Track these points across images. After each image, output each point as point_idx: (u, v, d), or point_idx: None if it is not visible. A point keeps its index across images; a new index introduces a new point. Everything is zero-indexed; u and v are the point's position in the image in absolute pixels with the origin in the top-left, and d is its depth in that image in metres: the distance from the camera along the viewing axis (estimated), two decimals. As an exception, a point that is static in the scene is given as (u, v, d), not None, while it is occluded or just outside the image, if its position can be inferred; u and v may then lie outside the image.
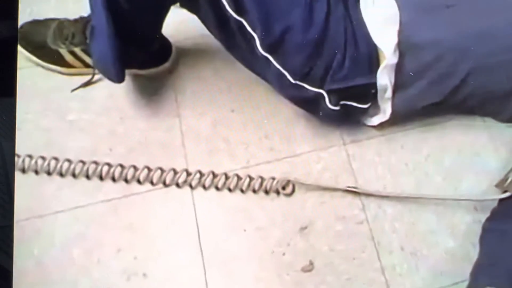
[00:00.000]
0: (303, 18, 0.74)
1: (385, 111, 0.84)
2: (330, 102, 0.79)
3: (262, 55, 0.75)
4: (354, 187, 0.84)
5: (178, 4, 0.77)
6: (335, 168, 0.86)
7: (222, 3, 0.71)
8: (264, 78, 0.84)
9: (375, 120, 0.87)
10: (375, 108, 0.85)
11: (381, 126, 0.87)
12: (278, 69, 0.76)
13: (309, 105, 0.84)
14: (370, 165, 0.86)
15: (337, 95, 0.79)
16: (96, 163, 0.82)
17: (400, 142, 0.88)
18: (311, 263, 0.78)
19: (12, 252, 0.47)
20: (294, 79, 0.77)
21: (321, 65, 0.77)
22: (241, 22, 0.72)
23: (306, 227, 0.80)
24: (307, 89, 0.78)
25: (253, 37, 0.73)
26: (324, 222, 0.81)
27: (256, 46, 0.74)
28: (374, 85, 0.79)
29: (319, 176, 0.85)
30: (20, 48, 0.86)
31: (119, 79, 0.78)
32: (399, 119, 0.88)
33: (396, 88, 0.81)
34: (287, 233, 0.79)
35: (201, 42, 0.94)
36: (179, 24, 0.91)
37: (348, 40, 0.77)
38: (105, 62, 0.76)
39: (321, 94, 0.79)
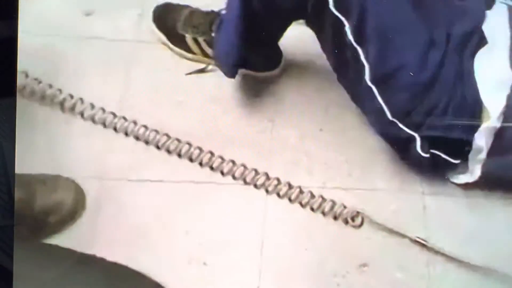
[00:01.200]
0: (418, 60, 0.65)
1: (474, 172, 0.70)
2: (421, 148, 0.68)
3: (367, 85, 0.66)
4: (423, 240, 0.71)
5: (301, 20, 0.69)
6: (408, 214, 0.73)
7: (345, 29, 0.64)
8: (362, 108, 0.73)
9: (462, 179, 0.73)
10: (465, 166, 0.70)
11: (466, 186, 0.73)
12: (379, 103, 0.67)
13: (399, 145, 0.72)
14: (444, 222, 0.72)
15: (430, 142, 0.68)
16: (189, 144, 0.75)
17: (481, 207, 0.73)
18: (362, 303, 0.67)
19: (12, 252, 0.41)
20: (392, 117, 0.67)
21: (423, 109, 0.66)
22: (357, 51, 0.65)
23: (365, 265, 0.69)
24: (402, 129, 0.67)
25: (364, 66, 0.65)
26: (385, 265, 0.69)
27: (365, 75, 0.65)
28: (470, 143, 0.66)
29: (390, 217, 0.72)
30: (152, 26, 0.83)
31: (232, 75, 0.73)
32: (486, 184, 0.73)
33: (491, 153, 0.67)
34: (345, 265, 0.68)
35: (310, 58, 0.84)
36: (294, 37, 0.82)
37: (455, 91, 0.65)
38: (225, 56, 0.71)
39: (414, 138, 0.68)
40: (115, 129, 0.74)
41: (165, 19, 0.81)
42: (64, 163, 0.70)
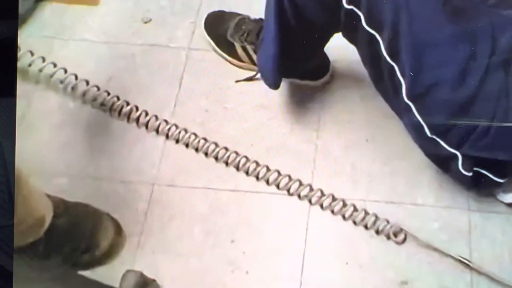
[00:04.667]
0: (455, 75, 0.56)
1: None
2: (462, 166, 0.60)
3: (405, 102, 0.58)
4: (467, 260, 0.63)
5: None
6: (452, 232, 0.65)
7: (379, 44, 0.56)
8: (404, 124, 0.65)
9: (509, 198, 0.64)
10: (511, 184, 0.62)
11: (515, 206, 0.64)
12: (418, 120, 0.59)
13: (441, 162, 0.64)
14: (490, 242, 0.64)
15: (472, 161, 0.59)
16: (237, 153, 0.70)
17: (531, 228, 0.64)
18: (402, 321, 0.60)
19: (12, 252, 0.37)
20: (431, 134, 0.59)
21: (463, 127, 0.58)
22: (392, 67, 0.57)
23: (406, 283, 0.62)
24: (442, 146, 0.59)
25: (400, 83, 0.57)
26: (426, 285, 0.62)
27: (402, 92, 0.57)
28: None
29: (433, 234, 0.65)
30: (204, 33, 0.77)
31: (274, 86, 0.68)
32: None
33: None
34: (386, 281, 0.62)
35: (356, 67, 0.75)
36: (341, 46, 0.73)
37: (499, 109, 0.56)
38: (266, 69, 0.66)
39: (456, 156, 0.59)
40: (167, 136, 0.70)
41: (215, 27, 0.76)
42: (119, 169, 0.67)
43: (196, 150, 0.70)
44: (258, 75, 0.74)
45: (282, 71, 0.66)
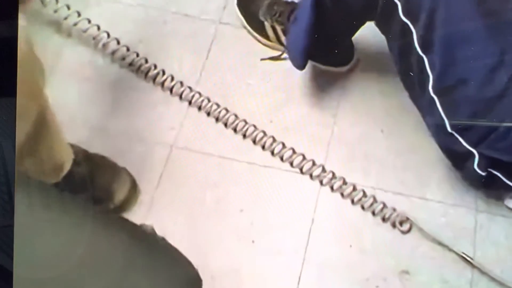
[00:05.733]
0: (484, 74, 0.54)
1: None
2: (478, 165, 0.58)
3: (430, 95, 0.56)
4: (469, 257, 0.61)
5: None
6: (458, 229, 0.64)
7: (412, 36, 0.54)
8: (422, 115, 0.64)
9: (516, 205, 0.62)
10: None
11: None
12: (440, 114, 0.57)
13: (456, 159, 0.62)
14: (494, 243, 0.63)
15: (488, 161, 0.57)
16: (255, 127, 0.69)
17: (536, 235, 0.63)
18: (400, 309, 0.59)
19: (12, 252, 0.35)
20: (451, 129, 0.57)
21: (485, 126, 0.56)
22: (422, 59, 0.55)
23: (408, 273, 0.61)
24: (460, 143, 0.57)
25: (428, 76, 0.55)
26: (427, 277, 0.61)
27: (428, 85, 0.56)
28: None
29: (439, 229, 0.64)
30: (236, 9, 0.76)
31: (301, 67, 0.67)
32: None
33: None
34: (387, 268, 0.61)
35: (381, 57, 0.74)
36: (369, 35, 0.72)
37: None
38: (295, 50, 0.65)
39: (472, 154, 0.58)
40: (190, 102, 0.70)
41: (248, 5, 0.75)
42: (140, 128, 0.67)
43: (217, 119, 0.70)
44: (284, 55, 0.74)
45: (310, 53, 0.65)
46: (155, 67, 0.71)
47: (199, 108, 0.70)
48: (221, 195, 0.65)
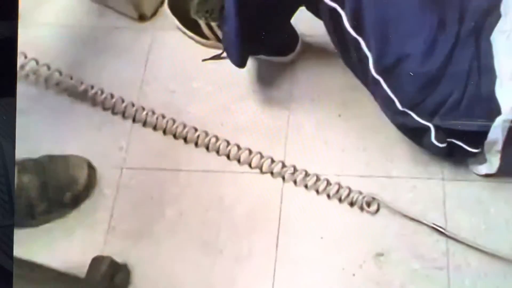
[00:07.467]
0: (424, 48, 0.54)
1: (493, 163, 0.60)
2: (435, 138, 0.58)
3: (373, 76, 0.56)
4: (441, 227, 0.61)
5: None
6: (427, 202, 0.63)
7: (342, 19, 0.53)
8: (373, 96, 0.63)
9: (482, 169, 0.62)
10: (484, 156, 0.60)
11: (487, 176, 0.62)
12: (388, 94, 0.56)
13: (413, 135, 0.62)
14: (465, 210, 0.63)
15: (445, 132, 0.57)
16: (206, 133, 0.68)
17: (505, 194, 0.63)
18: (378, 293, 0.59)
19: (12, 252, 0.36)
20: (403, 107, 0.57)
21: (435, 99, 0.55)
22: (357, 40, 0.54)
23: (382, 254, 0.61)
24: (414, 119, 0.57)
25: (367, 57, 0.55)
26: (402, 255, 0.60)
27: (369, 66, 0.55)
28: (486, 134, 0.56)
29: (408, 205, 0.63)
30: (168, 11, 0.73)
31: (240, 64, 0.63)
32: (508, 174, 0.62)
33: (508, 144, 0.56)
34: (361, 254, 0.61)
35: (327, 42, 0.72)
36: (312, 21, 0.70)
37: (471, 81, 0.54)
38: (230, 46, 0.62)
39: (428, 128, 0.57)
40: (133, 119, 0.68)
41: (179, 5, 0.72)
42: (87, 154, 0.65)
43: (164, 132, 0.68)
44: (225, 53, 0.72)
45: (248, 48, 0.63)
46: (92, 87, 0.69)
47: (144, 123, 0.67)
48: (182, 209, 0.63)
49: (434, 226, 0.61)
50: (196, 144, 0.67)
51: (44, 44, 0.72)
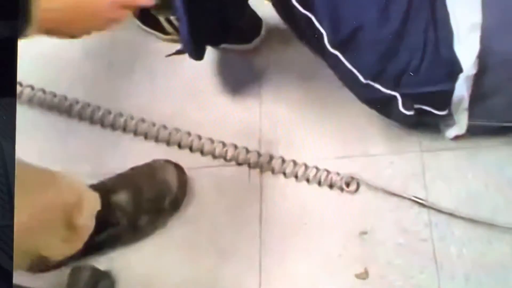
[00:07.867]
0: (377, 13, 0.53)
1: (461, 123, 0.60)
2: (403, 106, 0.57)
3: (330, 52, 0.54)
4: (422, 199, 0.61)
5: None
6: (406, 176, 0.63)
7: None
8: (336, 74, 0.62)
9: (451, 132, 0.62)
10: (452, 118, 0.60)
11: (461, 139, 0.62)
12: (348, 68, 0.55)
13: (381, 107, 0.61)
14: (444, 179, 0.63)
15: (411, 99, 0.57)
16: (177, 130, 0.66)
17: (483, 159, 0.63)
18: (366, 272, 0.59)
19: (12, 252, 0.36)
20: (365, 79, 0.56)
21: (396, 66, 0.55)
22: (308, 17, 0.53)
23: (366, 233, 0.60)
24: (379, 90, 0.56)
25: (321, 33, 0.53)
26: (386, 231, 0.60)
27: (325, 42, 0.54)
28: (452, 93, 0.56)
29: (387, 181, 0.63)
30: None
31: (196, 56, 0.60)
32: (480, 134, 0.62)
33: (473, 101, 0.56)
34: (345, 234, 0.60)
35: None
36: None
37: (429, 42, 0.54)
38: (183, 42, 0.59)
39: (395, 97, 0.57)
40: (101, 124, 0.66)
41: (137, 3, 0.69)
42: (69, 164, 0.62)
43: (135, 133, 0.66)
44: (188, 47, 0.70)
45: (205, 40, 0.60)
46: (66, 98, 0.66)
47: (112, 126, 0.66)
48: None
49: (415, 199, 0.61)
50: (168, 143, 0.65)
51: (36, 70, 0.69)
